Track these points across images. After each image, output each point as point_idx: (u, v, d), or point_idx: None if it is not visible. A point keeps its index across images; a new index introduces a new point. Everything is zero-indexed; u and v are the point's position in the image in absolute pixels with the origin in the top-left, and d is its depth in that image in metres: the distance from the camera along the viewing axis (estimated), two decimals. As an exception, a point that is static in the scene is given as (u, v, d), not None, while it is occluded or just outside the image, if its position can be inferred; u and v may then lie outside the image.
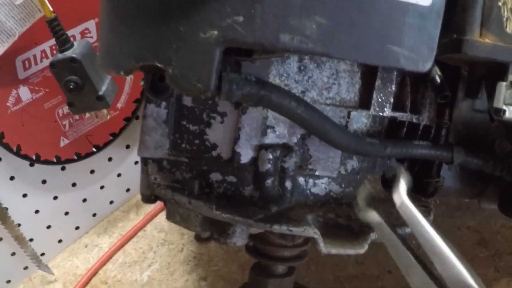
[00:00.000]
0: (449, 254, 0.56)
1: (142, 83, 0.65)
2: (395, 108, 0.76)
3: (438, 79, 0.75)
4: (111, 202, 1.38)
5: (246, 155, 0.72)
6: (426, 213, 0.78)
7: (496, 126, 0.81)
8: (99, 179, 1.32)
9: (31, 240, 1.23)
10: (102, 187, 1.34)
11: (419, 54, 0.58)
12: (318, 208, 0.76)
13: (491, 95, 0.68)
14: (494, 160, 0.78)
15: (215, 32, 0.53)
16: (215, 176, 0.73)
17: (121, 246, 1.31)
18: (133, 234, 1.32)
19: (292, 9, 0.53)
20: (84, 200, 1.31)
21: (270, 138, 0.71)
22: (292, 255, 0.86)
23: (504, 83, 0.66)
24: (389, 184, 0.83)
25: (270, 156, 0.70)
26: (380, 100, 0.74)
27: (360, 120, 0.74)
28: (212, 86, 0.55)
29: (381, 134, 0.78)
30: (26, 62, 1.05)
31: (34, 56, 1.05)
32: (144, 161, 0.76)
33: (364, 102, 0.74)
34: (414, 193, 0.84)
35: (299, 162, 0.73)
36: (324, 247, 0.70)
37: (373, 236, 0.72)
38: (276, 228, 0.68)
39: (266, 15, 0.53)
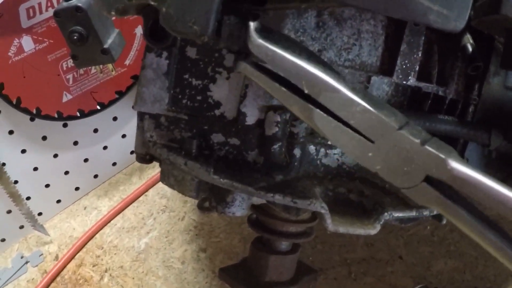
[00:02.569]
0: (332, 83, 0.49)
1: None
2: (420, 77, 0.70)
3: (469, 48, 0.68)
4: (114, 164, 1.33)
5: (252, 116, 0.65)
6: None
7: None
8: (102, 139, 1.27)
9: (28, 198, 1.20)
10: (105, 148, 1.29)
11: (451, 11, 0.50)
12: (328, 181, 0.70)
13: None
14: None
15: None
16: (217, 137, 0.67)
17: (121, 210, 1.26)
18: (134, 198, 1.27)
19: None
20: (86, 160, 1.27)
21: None
22: (297, 231, 0.79)
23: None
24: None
25: (279, 119, 0.64)
26: (404, 67, 0.68)
27: (381, 87, 0.68)
28: (210, 29, 0.48)
29: (403, 106, 0.71)
30: (31, 10, 1.01)
31: (39, 4, 1.01)
32: (141, 116, 0.69)
33: (387, 68, 0.68)
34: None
35: (310, 128, 0.66)
36: (332, 224, 0.63)
37: (386, 216, 0.66)
38: (279, 198, 0.61)
39: None
